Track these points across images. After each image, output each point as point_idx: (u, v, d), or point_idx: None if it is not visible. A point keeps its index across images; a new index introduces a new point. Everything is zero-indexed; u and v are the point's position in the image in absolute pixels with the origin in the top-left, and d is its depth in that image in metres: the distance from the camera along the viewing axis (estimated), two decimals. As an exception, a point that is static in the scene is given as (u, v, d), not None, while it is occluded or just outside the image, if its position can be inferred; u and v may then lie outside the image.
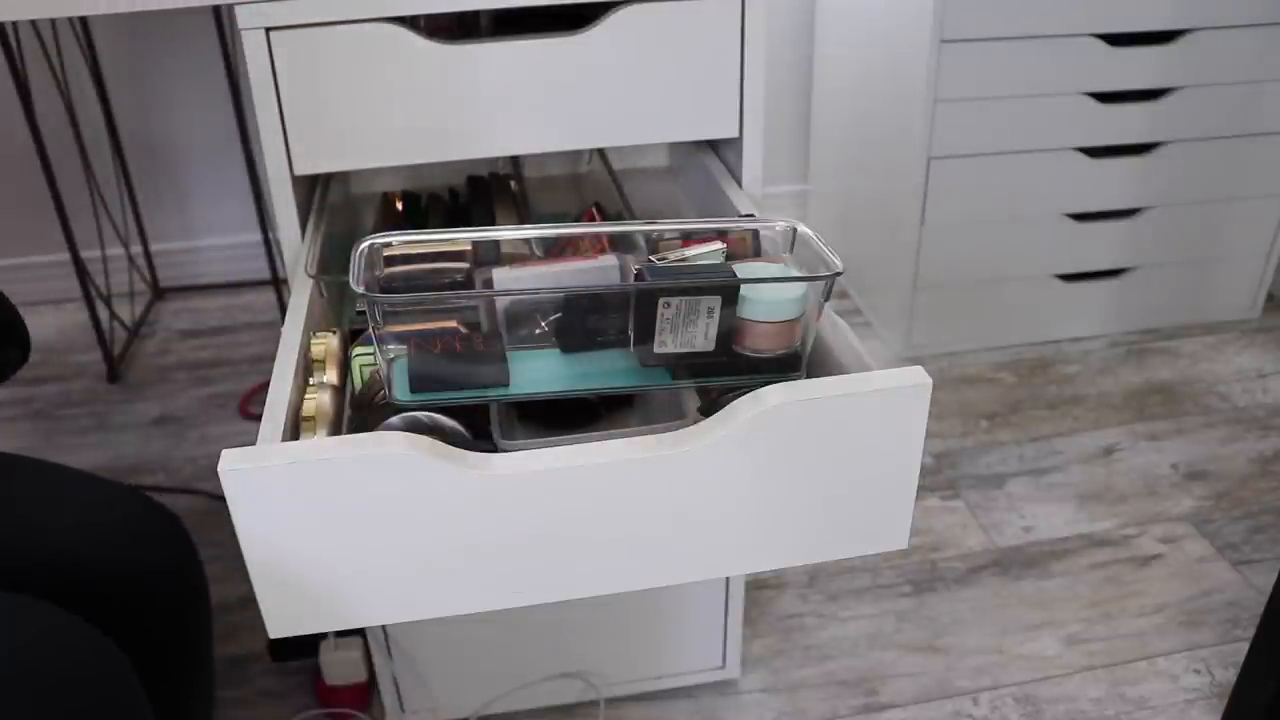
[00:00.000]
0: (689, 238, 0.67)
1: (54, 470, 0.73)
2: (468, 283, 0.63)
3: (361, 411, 0.64)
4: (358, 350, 0.67)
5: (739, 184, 0.90)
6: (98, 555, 0.69)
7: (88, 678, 0.58)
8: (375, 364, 0.63)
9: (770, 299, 0.60)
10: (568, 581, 0.58)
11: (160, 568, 0.73)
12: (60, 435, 1.71)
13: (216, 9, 1.74)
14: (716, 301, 0.59)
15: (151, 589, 0.71)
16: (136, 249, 2.05)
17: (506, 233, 0.66)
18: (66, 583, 0.66)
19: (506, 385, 0.61)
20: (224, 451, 0.51)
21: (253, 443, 0.53)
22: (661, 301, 0.58)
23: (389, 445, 0.51)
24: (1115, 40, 1.63)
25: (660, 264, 0.63)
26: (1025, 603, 1.35)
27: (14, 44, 1.63)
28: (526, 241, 0.65)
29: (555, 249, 0.66)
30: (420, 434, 0.54)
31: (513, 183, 1.01)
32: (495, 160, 1.10)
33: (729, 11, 0.83)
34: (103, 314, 1.85)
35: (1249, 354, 1.86)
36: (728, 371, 0.62)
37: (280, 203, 0.84)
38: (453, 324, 0.60)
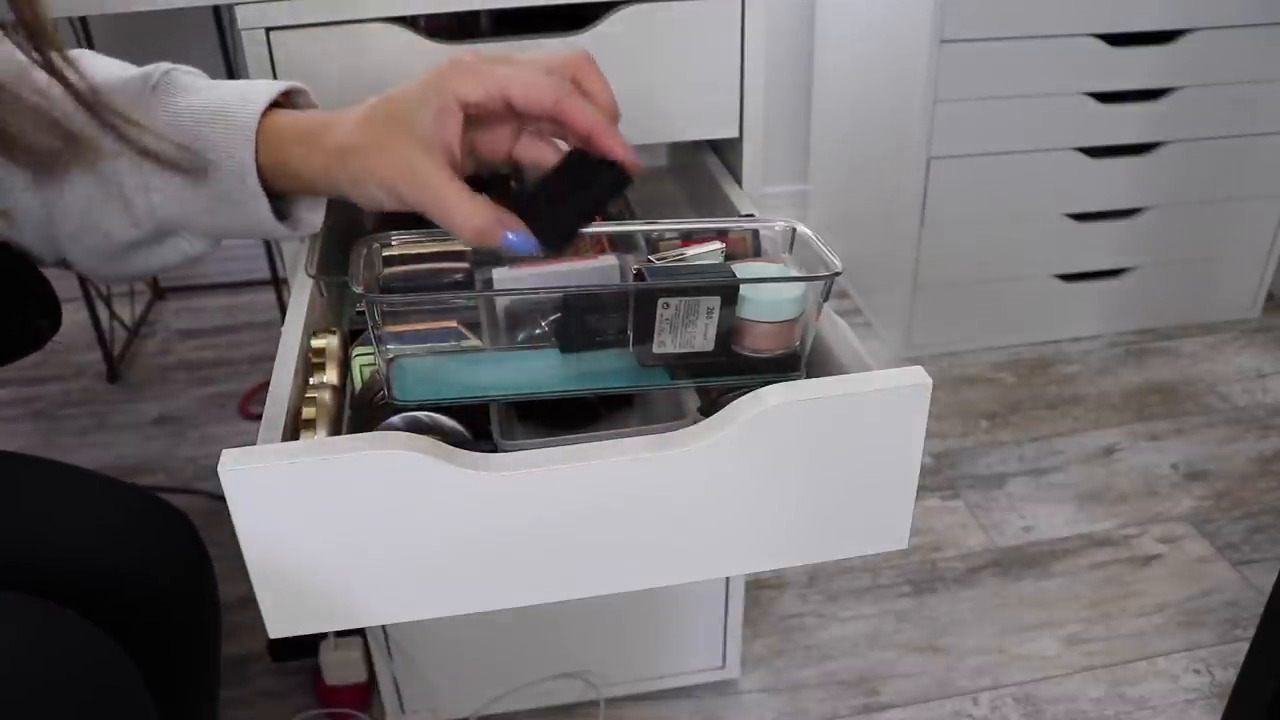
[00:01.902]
0: (689, 238, 0.67)
1: (65, 470, 0.73)
2: (468, 283, 0.63)
3: (361, 411, 0.63)
4: (358, 350, 0.67)
5: (739, 184, 0.90)
6: (109, 559, 0.69)
7: (92, 680, 0.58)
8: (375, 364, 0.63)
9: (770, 299, 0.60)
10: (568, 581, 0.58)
11: (173, 573, 0.72)
12: (60, 435, 1.71)
13: (216, 9, 1.74)
14: (716, 301, 0.59)
15: (164, 594, 0.71)
16: (136, 249, 2.05)
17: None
18: (77, 587, 0.66)
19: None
20: (224, 451, 0.51)
21: (253, 443, 0.53)
22: (661, 301, 0.58)
23: (389, 445, 0.51)
24: (1115, 40, 1.63)
25: (660, 264, 0.63)
26: (1025, 603, 1.35)
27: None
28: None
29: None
30: (420, 434, 0.54)
31: (512, 182, 1.01)
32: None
33: (729, 11, 0.83)
34: (103, 314, 1.85)
35: (1249, 354, 1.86)
36: (727, 371, 0.62)
37: (280, 203, 0.84)
38: (453, 324, 0.60)
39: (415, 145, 0.56)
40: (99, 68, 0.63)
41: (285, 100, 0.63)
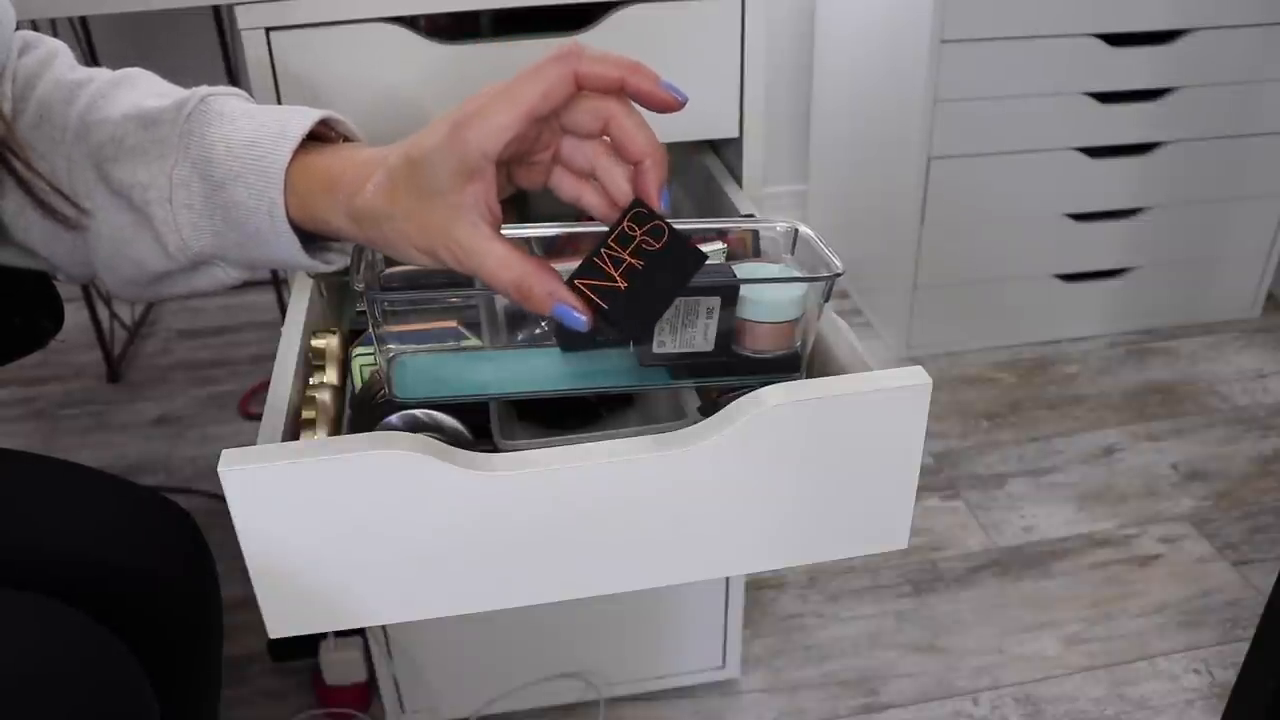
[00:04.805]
0: (689, 238, 0.67)
1: (66, 468, 0.73)
2: (468, 281, 0.63)
3: (361, 411, 0.64)
4: (358, 350, 0.67)
5: (739, 184, 0.90)
6: (112, 556, 0.69)
7: (95, 676, 0.58)
8: (375, 364, 0.63)
9: (770, 299, 0.60)
10: (568, 581, 0.58)
11: (175, 570, 0.73)
12: (60, 435, 1.71)
13: (216, 9, 1.74)
14: (716, 302, 0.59)
15: (166, 592, 0.71)
16: (136, 249, 2.05)
17: (506, 232, 0.66)
18: (80, 583, 0.66)
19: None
20: (224, 451, 0.51)
21: (253, 443, 0.53)
22: (661, 301, 0.58)
23: (389, 445, 0.51)
24: (1115, 40, 1.63)
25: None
26: (1025, 603, 1.35)
27: (14, 44, 1.62)
28: (526, 241, 0.65)
29: (555, 249, 0.66)
30: (419, 433, 0.54)
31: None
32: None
33: (729, 12, 0.83)
34: (103, 314, 1.85)
35: (1249, 354, 1.86)
36: (728, 371, 0.62)
37: (280, 203, 0.84)
38: (453, 323, 0.60)
39: (448, 212, 0.52)
40: (134, 98, 0.61)
41: (322, 129, 0.60)
